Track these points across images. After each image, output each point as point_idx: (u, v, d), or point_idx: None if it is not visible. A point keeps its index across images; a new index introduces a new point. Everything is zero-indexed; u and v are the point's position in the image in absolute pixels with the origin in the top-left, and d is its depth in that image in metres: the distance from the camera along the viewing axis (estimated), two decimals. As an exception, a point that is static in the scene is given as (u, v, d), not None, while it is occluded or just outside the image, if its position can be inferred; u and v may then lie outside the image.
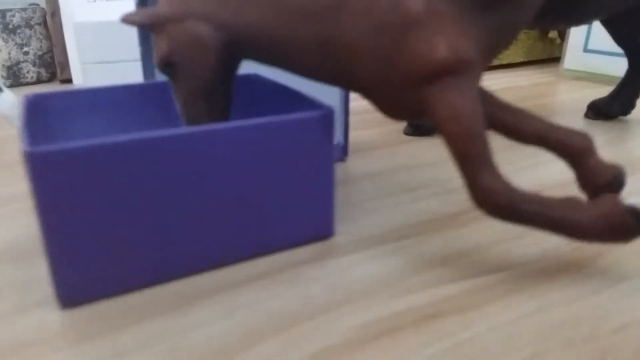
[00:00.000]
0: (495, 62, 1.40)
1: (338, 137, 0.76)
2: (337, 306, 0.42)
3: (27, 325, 0.40)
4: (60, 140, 0.55)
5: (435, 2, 0.42)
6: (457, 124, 0.43)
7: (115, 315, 0.40)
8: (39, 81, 1.31)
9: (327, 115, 0.47)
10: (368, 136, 0.86)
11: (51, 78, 1.33)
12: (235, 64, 0.50)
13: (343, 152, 0.74)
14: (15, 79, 1.27)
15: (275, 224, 0.48)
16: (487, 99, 0.52)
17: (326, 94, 0.75)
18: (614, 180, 0.49)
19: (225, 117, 0.51)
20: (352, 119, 0.91)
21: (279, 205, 0.47)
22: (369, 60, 0.44)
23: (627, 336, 0.38)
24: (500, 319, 0.40)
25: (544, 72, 1.38)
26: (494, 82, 1.27)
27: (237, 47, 0.48)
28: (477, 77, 0.44)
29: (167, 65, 0.48)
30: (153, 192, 0.41)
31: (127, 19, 0.47)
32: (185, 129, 0.41)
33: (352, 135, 0.86)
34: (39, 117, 0.53)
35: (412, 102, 0.45)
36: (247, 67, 0.73)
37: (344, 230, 0.54)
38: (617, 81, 0.93)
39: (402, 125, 0.91)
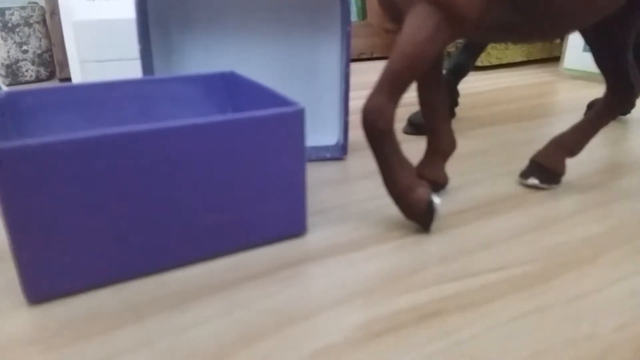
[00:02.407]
0: (495, 61, 1.40)
1: (338, 136, 0.76)
2: (337, 304, 0.42)
3: (23, 323, 0.39)
4: (34, 137, 0.55)
5: None
6: (407, 43, 0.45)
7: (113, 314, 0.40)
8: (38, 80, 1.30)
9: (297, 112, 0.47)
10: (368, 135, 0.86)
11: (50, 77, 1.33)
12: None
13: (342, 151, 0.74)
14: (14, 78, 1.26)
15: (245, 221, 0.48)
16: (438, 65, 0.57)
17: (326, 94, 0.75)
18: (435, 184, 0.59)
19: None
20: (352, 118, 0.91)
21: (249, 202, 0.47)
22: None
23: (627, 335, 0.38)
24: (501, 317, 0.40)
25: (543, 71, 1.38)
26: (494, 82, 1.27)
27: None
28: (459, 33, 0.46)
29: None
30: (121, 188, 0.41)
31: None
32: (154, 125, 0.41)
33: (352, 134, 0.86)
34: (13, 114, 0.53)
35: (401, 3, 0.48)
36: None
37: (344, 228, 0.54)
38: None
39: (402, 124, 0.91)
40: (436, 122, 0.58)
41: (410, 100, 0.90)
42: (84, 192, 0.40)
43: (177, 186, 0.43)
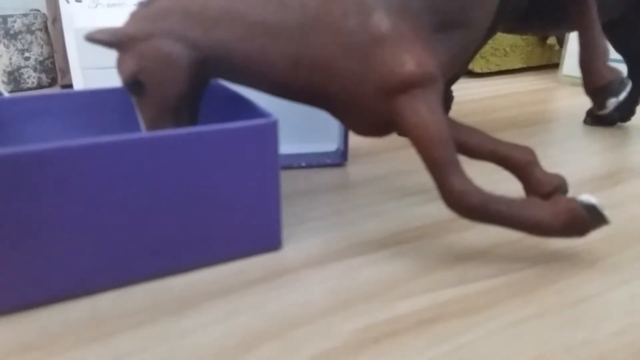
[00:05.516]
0: (494, 68, 1.40)
1: (338, 142, 0.76)
2: (337, 310, 0.42)
3: (23, 329, 0.40)
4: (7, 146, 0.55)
5: (399, 24, 0.46)
6: (425, 129, 0.45)
7: (113, 319, 0.41)
8: (39, 86, 1.31)
9: (269, 124, 0.45)
10: (368, 141, 0.86)
11: (52, 83, 1.33)
12: (204, 83, 0.51)
13: (343, 157, 0.74)
14: (16, 85, 1.27)
15: (214, 235, 0.47)
16: (448, 122, 0.55)
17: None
18: (557, 188, 0.54)
19: None
20: (352, 125, 0.91)
21: (218, 216, 0.46)
22: (340, 76, 0.47)
23: (626, 340, 0.38)
24: (500, 323, 0.40)
25: (542, 78, 1.39)
26: (493, 88, 1.27)
27: (207, 65, 0.48)
28: (440, 91, 0.47)
29: (134, 84, 0.48)
30: (85, 200, 0.40)
31: (92, 38, 0.47)
32: (121, 137, 0.41)
33: (352, 140, 0.86)
34: None
35: (382, 114, 0.48)
36: None
37: (343, 234, 0.54)
38: (616, 87, 0.93)
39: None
40: (492, 151, 0.55)
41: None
42: (49, 203, 0.39)
43: (142, 199, 0.42)
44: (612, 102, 0.63)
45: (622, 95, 0.63)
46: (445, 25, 0.49)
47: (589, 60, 0.65)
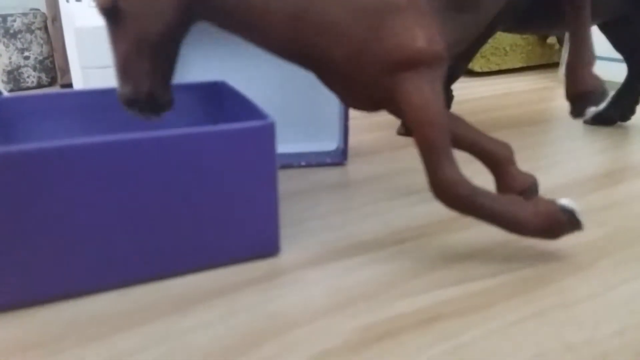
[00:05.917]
0: (494, 67, 1.40)
1: (338, 141, 0.76)
2: (338, 309, 0.42)
3: (26, 328, 0.40)
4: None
5: None
6: (427, 112, 0.44)
7: (113, 318, 0.40)
8: (39, 86, 1.31)
9: (266, 126, 0.44)
10: (368, 140, 0.86)
11: (52, 83, 1.33)
12: (191, 23, 0.46)
13: (343, 156, 0.74)
14: (15, 84, 1.27)
15: (211, 239, 0.46)
16: None
17: (326, 98, 0.76)
18: (529, 188, 0.54)
19: (167, 84, 0.46)
20: (352, 123, 0.91)
21: (215, 219, 0.45)
22: (344, 41, 0.44)
23: (626, 340, 0.38)
24: (500, 322, 0.40)
25: (542, 77, 1.39)
26: (493, 88, 1.27)
27: (199, 4, 0.44)
28: (444, 72, 0.46)
29: (111, 9, 0.42)
30: (83, 200, 0.40)
31: None
32: (122, 137, 0.40)
33: (352, 139, 0.86)
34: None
35: (380, 87, 0.46)
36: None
37: (343, 233, 0.54)
38: (617, 87, 0.93)
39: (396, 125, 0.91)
40: (474, 143, 0.54)
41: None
42: (49, 202, 0.39)
43: (138, 201, 0.42)
44: (590, 111, 0.63)
45: (601, 106, 0.64)
46: (459, 4, 0.47)
47: (576, 66, 0.65)
